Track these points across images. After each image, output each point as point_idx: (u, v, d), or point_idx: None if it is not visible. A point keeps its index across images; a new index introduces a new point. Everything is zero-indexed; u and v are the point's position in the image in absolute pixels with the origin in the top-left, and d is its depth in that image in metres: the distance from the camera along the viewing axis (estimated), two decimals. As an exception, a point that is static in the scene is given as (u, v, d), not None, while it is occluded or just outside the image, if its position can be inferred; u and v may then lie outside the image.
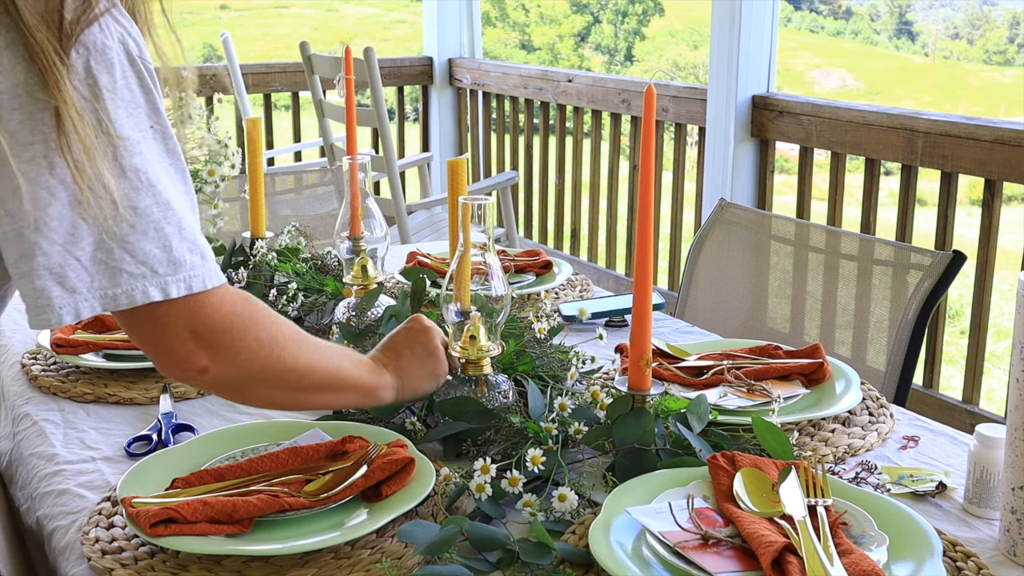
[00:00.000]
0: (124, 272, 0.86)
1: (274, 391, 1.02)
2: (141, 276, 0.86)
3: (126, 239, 0.85)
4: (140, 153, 0.86)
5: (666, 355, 1.44)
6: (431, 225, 3.71)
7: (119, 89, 0.85)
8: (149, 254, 0.86)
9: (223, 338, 0.93)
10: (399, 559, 0.98)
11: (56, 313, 0.85)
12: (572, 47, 21.71)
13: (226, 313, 0.93)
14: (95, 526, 1.05)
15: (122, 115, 0.85)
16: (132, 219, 0.85)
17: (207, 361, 0.92)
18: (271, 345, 0.97)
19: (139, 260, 0.86)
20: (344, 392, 1.10)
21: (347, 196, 1.61)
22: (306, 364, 1.02)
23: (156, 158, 0.88)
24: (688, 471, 1.07)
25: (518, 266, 1.83)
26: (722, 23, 3.44)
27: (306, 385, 1.03)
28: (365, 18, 22.40)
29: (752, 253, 2.04)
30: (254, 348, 0.96)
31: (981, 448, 1.07)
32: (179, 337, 0.91)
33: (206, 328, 0.91)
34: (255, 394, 1.02)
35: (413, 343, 1.20)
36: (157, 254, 0.87)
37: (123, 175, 0.85)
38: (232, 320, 0.93)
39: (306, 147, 4.80)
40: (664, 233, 4.03)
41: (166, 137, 0.89)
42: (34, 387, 1.43)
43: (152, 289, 0.87)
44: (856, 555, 0.90)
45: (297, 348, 1.01)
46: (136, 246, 0.86)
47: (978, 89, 20.66)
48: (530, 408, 1.17)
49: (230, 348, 0.94)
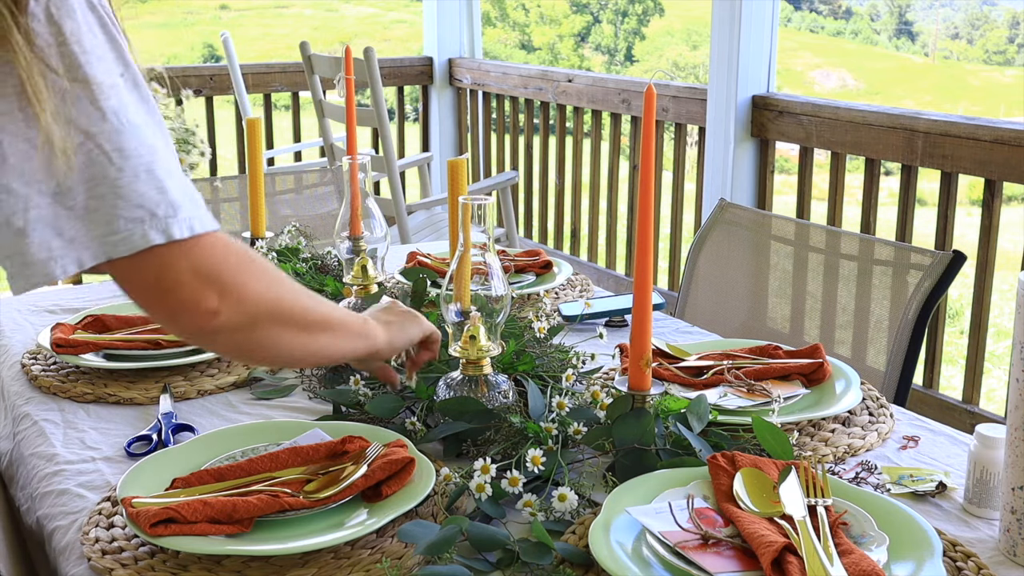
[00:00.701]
0: (120, 217, 0.83)
1: (283, 332, 0.98)
2: (139, 220, 0.84)
3: (117, 183, 0.83)
4: (117, 97, 0.84)
5: (666, 355, 1.44)
6: (431, 225, 3.71)
7: (84, 34, 0.83)
8: (145, 196, 0.84)
9: (228, 277, 0.90)
10: (399, 559, 0.98)
11: (59, 263, 0.83)
12: (572, 47, 21.72)
13: (225, 253, 0.90)
14: (95, 526, 1.05)
15: (92, 60, 0.83)
16: (120, 162, 0.83)
17: (217, 302, 0.89)
18: (271, 282, 0.96)
19: (135, 204, 0.83)
20: (339, 332, 1.08)
21: (347, 196, 1.61)
22: (304, 303, 1.00)
23: (133, 103, 0.85)
24: (688, 471, 1.07)
25: (518, 266, 1.83)
26: (722, 23, 3.44)
27: (309, 323, 1.01)
28: (365, 18, 22.41)
29: (752, 253, 2.04)
30: (256, 286, 0.93)
31: (981, 448, 1.07)
32: (184, 281, 0.88)
33: (210, 267, 0.89)
34: (265, 338, 0.97)
35: (386, 308, 1.25)
36: (153, 196, 0.84)
37: (104, 118, 0.82)
38: (230, 259, 0.91)
39: (306, 147, 4.80)
40: (664, 233, 4.03)
41: (139, 86, 0.87)
42: (34, 387, 1.43)
43: (152, 232, 0.84)
44: (856, 555, 0.90)
45: (291, 286, 1.00)
46: (129, 189, 0.83)
47: (978, 89, 20.68)
48: (530, 408, 1.17)
49: (236, 286, 0.91)
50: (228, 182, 2.45)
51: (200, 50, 19.26)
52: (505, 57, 19.29)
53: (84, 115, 0.82)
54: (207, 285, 0.89)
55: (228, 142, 5.02)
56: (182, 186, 0.87)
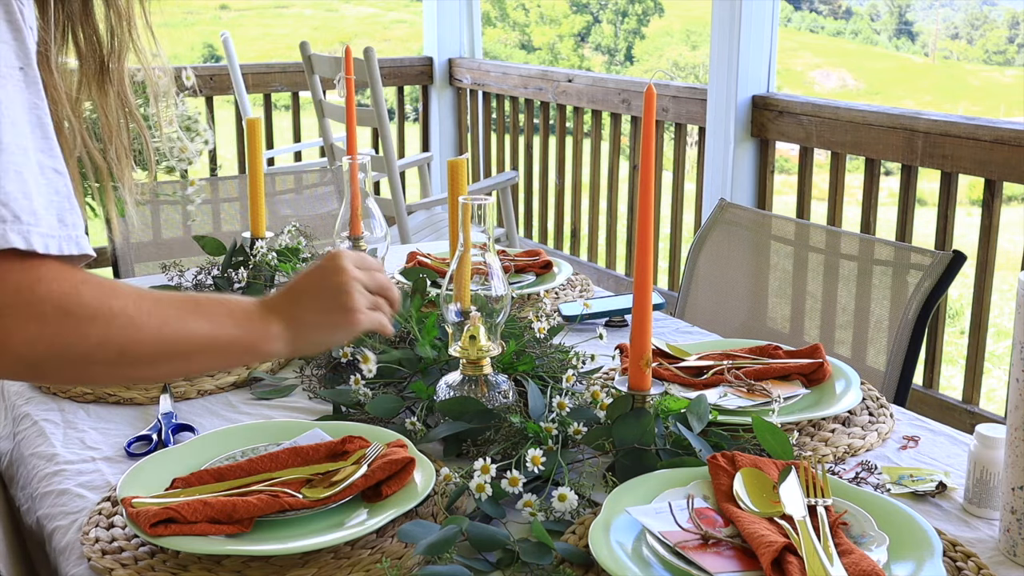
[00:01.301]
0: None
1: (86, 370, 0.85)
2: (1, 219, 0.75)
3: None
4: (4, 88, 0.76)
5: (666, 355, 1.44)
6: (431, 225, 3.71)
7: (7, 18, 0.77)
8: (11, 196, 0.75)
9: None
10: (399, 559, 0.98)
11: None
12: (572, 47, 21.72)
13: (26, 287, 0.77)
14: (95, 526, 1.05)
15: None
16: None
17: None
18: (61, 318, 0.80)
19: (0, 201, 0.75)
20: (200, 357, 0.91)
21: (347, 196, 1.61)
22: (124, 338, 0.84)
23: (21, 101, 0.78)
24: (688, 471, 1.07)
25: (518, 266, 1.83)
26: (722, 23, 3.44)
27: (131, 359, 0.86)
28: (365, 18, 22.41)
29: (752, 253, 2.04)
30: (31, 328, 0.78)
31: (981, 448, 1.07)
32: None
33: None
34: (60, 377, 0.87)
35: (317, 288, 1.01)
36: (19, 199, 0.76)
37: None
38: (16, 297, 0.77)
39: (306, 147, 4.80)
40: (664, 233, 4.03)
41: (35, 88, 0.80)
42: (34, 387, 1.43)
43: (12, 235, 0.75)
44: (856, 555, 0.90)
45: (110, 316, 0.83)
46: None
47: (978, 89, 20.67)
48: (530, 408, 1.17)
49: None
50: (228, 182, 2.45)
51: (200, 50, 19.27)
52: (505, 57, 19.29)
53: None
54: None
55: (228, 142, 5.03)
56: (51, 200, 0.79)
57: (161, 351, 0.88)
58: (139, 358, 0.86)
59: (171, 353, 0.89)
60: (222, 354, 0.95)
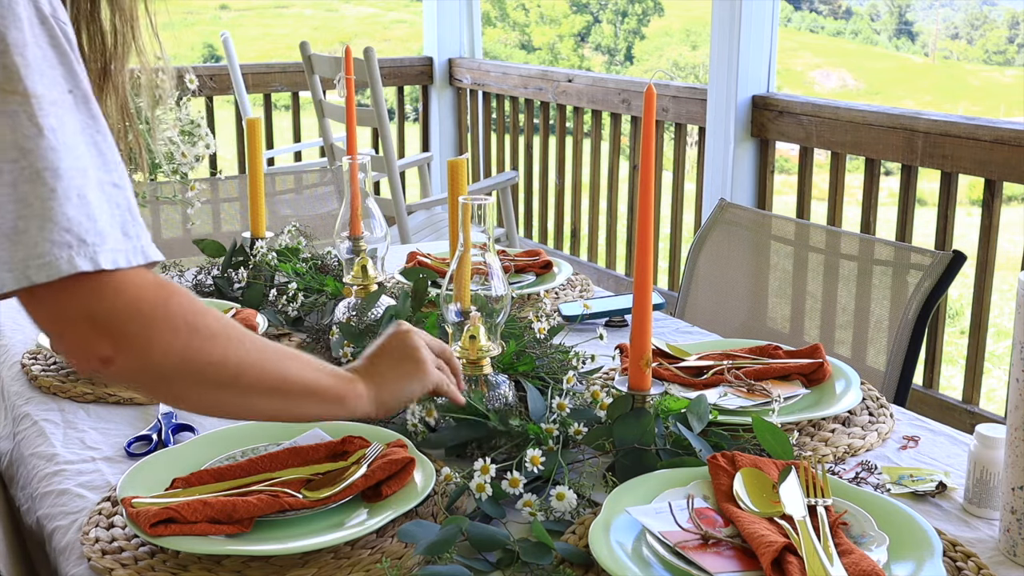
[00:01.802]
0: (47, 241, 0.77)
1: (202, 390, 0.90)
2: (66, 245, 0.78)
3: (48, 204, 0.77)
4: (57, 115, 0.79)
5: (666, 355, 1.44)
6: (431, 225, 3.71)
7: (29, 47, 0.78)
8: (74, 221, 0.78)
9: (129, 326, 0.82)
10: (399, 559, 0.98)
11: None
12: (572, 47, 21.72)
13: (132, 297, 0.82)
14: (95, 526, 1.05)
15: (33, 74, 0.78)
16: (53, 183, 0.78)
17: (110, 350, 0.82)
18: (190, 335, 0.86)
19: (63, 227, 0.78)
20: (297, 398, 0.97)
21: (347, 196, 1.61)
22: (238, 360, 0.90)
23: (75, 123, 0.80)
24: (688, 471, 1.07)
25: (518, 266, 1.83)
26: (722, 23, 3.44)
27: (242, 385, 0.91)
28: (365, 18, 22.40)
29: (752, 253, 2.04)
30: (168, 338, 0.84)
31: (981, 448, 1.07)
32: (74, 319, 0.81)
33: (106, 312, 0.81)
34: (181, 394, 0.91)
35: (390, 347, 1.11)
36: (83, 221, 0.79)
37: (41, 134, 0.78)
38: (140, 305, 0.83)
39: (306, 147, 4.80)
40: (664, 233, 4.03)
41: (88, 104, 0.82)
42: (34, 387, 1.43)
43: (79, 259, 0.78)
44: (856, 555, 0.90)
45: (228, 342, 0.89)
46: (59, 212, 0.78)
47: (978, 89, 20.67)
48: (530, 410, 1.17)
49: (138, 336, 0.83)
50: (228, 182, 2.45)
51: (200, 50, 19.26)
52: (505, 57, 19.29)
53: (19, 130, 0.77)
54: (98, 331, 0.82)
55: (228, 142, 5.02)
56: (112, 215, 0.81)
57: (267, 384, 0.93)
58: (250, 386, 0.92)
59: (276, 389, 0.95)
60: (319, 401, 1.00)
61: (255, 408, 0.96)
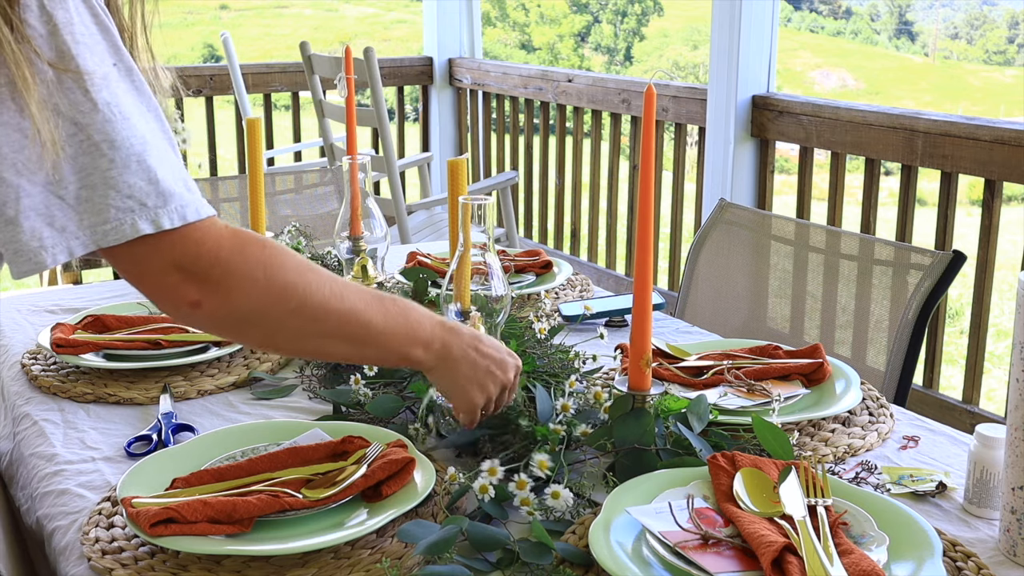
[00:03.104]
0: (111, 207, 0.84)
1: (284, 334, 0.97)
2: (129, 210, 0.85)
3: (108, 174, 0.84)
4: (108, 88, 0.84)
5: (666, 355, 1.44)
6: (431, 225, 3.71)
7: (75, 24, 0.83)
8: (135, 187, 0.85)
9: (212, 270, 0.89)
10: (399, 559, 0.98)
11: (50, 252, 0.83)
12: (572, 47, 21.72)
13: (216, 243, 0.90)
14: (95, 526, 1.05)
15: (83, 51, 0.83)
16: (111, 153, 0.84)
17: (197, 294, 0.89)
18: (269, 279, 0.92)
19: (125, 194, 0.84)
20: (370, 347, 1.03)
21: (347, 196, 1.61)
22: (315, 306, 0.96)
23: (125, 93, 0.86)
24: (688, 471, 1.07)
25: (518, 266, 1.83)
26: (722, 23, 3.44)
27: (321, 330, 0.98)
28: (365, 18, 22.41)
29: (752, 253, 2.04)
30: (247, 283, 0.91)
31: (981, 448, 1.07)
32: (164, 271, 0.88)
33: (191, 259, 0.89)
34: (265, 338, 0.98)
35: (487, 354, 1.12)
36: (143, 186, 0.85)
37: (95, 108, 0.83)
38: (219, 252, 0.90)
39: (306, 147, 4.80)
40: (664, 233, 4.03)
41: (132, 74, 0.87)
42: (34, 387, 1.43)
43: (142, 222, 0.85)
44: (856, 555, 0.90)
45: (307, 288, 0.95)
46: (120, 180, 0.84)
47: (978, 89, 20.68)
48: (539, 411, 1.17)
49: (222, 280, 0.90)
50: (228, 182, 2.45)
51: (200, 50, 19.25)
52: (505, 57, 19.29)
53: (75, 105, 0.82)
54: (186, 278, 0.89)
55: (228, 142, 5.02)
56: (174, 174, 0.87)
57: (346, 332, 1.00)
58: (330, 331, 0.98)
59: (349, 335, 1.00)
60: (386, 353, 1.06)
61: (331, 351, 1.03)
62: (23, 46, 0.80)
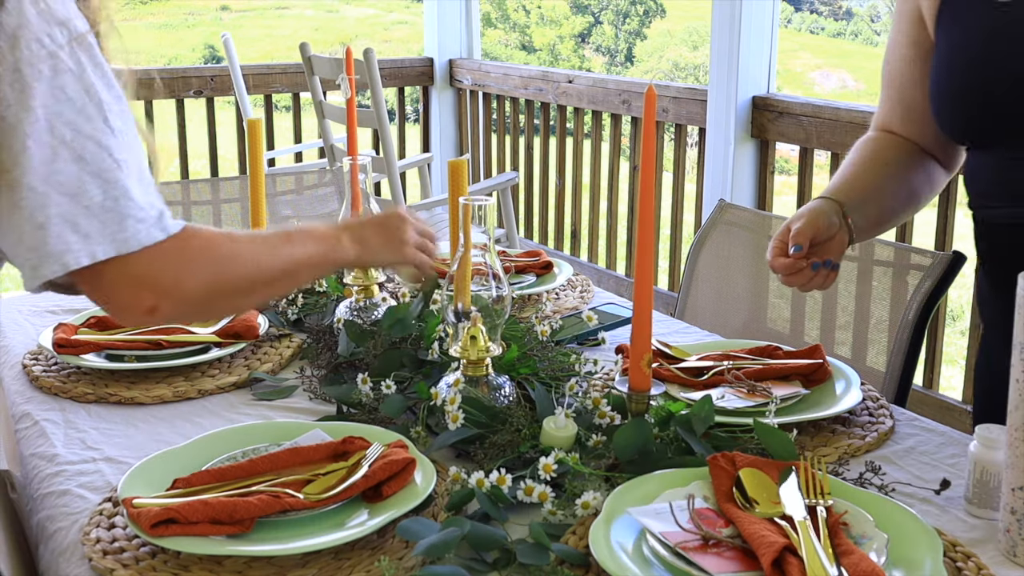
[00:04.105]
0: (130, 217, 0.95)
1: (237, 299, 1.11)
2: (144, 220, 0.96)
3: (127, 187, 0.95)
4: (117, 114, 0.96)
5: (666, 355, 1.44)
6: (431, 226, 3.71)
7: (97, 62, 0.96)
8: (147, 201, 0.97)
9: (164, 275, 1.00)
10: (400, 559, 0.98)
11: (74, 255, 0.93)
12: (572, 48, 21.73)
13: (156, 253, 0.99)
14: (96, 527, 1.05)
15: (99, 83, 0.95)
16: (127, 170, 0.96)
17: (152, 300, 0.99)
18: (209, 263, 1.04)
19: (140, 205, 0.96)
20: (301, 272, 1.18)
21: (348, 197, 1.61)
22: (253, 264, 1.10)
23: (126, 119, 0.98)
24: (688, 471, 1.07)
25: (518, 267, 1.83)
26: (722, 24, 3.44)
27: (263, 281, 1.11)
28: (365, 19, 22.42)
29: (752, 253, 2.04)
30: (194, 276, 1.02)
31: (981, 448, 1.07)
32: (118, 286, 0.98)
33: (143, 269, 0.98)
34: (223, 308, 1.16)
35: (379, 219, 1.29)
36: (155, 201, 0.98)
37: (112, 133, 0.95)
38: (166, 257, 0.99)
39: (307, 148, 4.80)
40: (664, 233, 4.03)
41: (121, 100, 0.99)
42: (35, 387, 1.43)
43: (155, 231, 0.97)
44: (856, 556, 0.90)
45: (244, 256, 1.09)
46: (136, 192, 0.96)
47: (978, 90, 20.61)
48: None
49: (172, 282, 1.00)
50: (229, 183, 2.45)
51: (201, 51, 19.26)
52: (506, 58, 19.29)
53: (101, 132, 0.95)
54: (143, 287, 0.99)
55: (229, 143, 5.02)
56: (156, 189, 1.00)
57: (276, 275, 1.14)
58: (265, 282, 1.12)
59: (283, 274, 1.14)
60: (314, 267, 1.20)
61: (275, 291, 1.16)
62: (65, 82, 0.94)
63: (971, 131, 1.34)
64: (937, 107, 1.37)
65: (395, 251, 1.29)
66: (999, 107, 1.28)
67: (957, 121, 1.34)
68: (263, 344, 1.56)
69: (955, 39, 1.33)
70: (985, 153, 1.34)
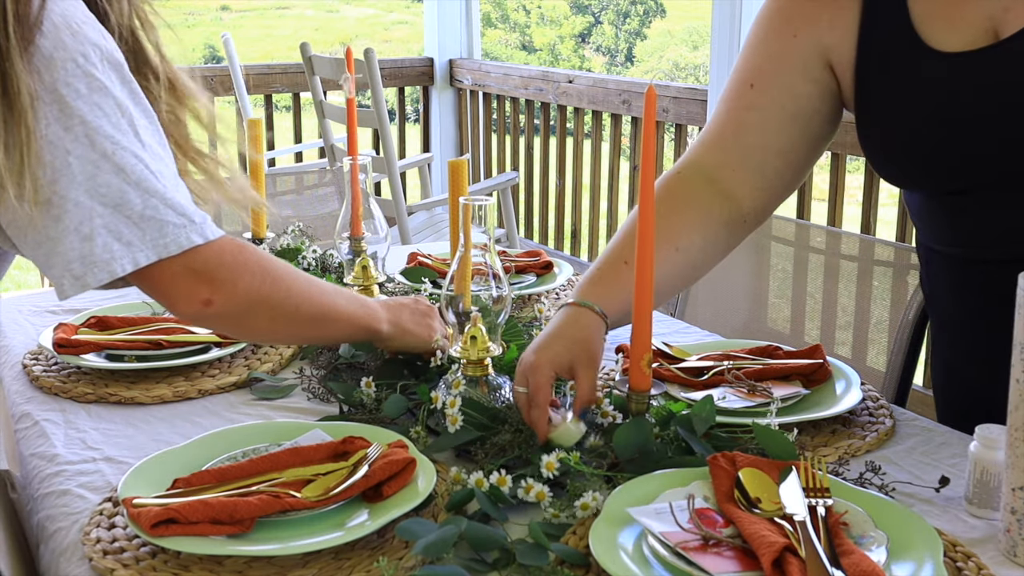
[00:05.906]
0: (169, 223, 1.03)
1: (274, 321, 1.16)
2: (183, 226, 1.04)
3: (164, 196, 1.03)
4: (146, 128, 1.04)
5: (667, 355, 1.44)
6: (432, 226, 3.71)
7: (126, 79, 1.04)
8: (183, 207, 1.04)
9: (219, 272, 1.07)
10: (400, 559, 0.98)
11: (120, 263, 1.00)
12: (573, 48, 21.72)
13: (217, 251, 1.07)
14: (96, 527, 1.05)
15: (129, 100, 1.03)
16: (163, 180, 1.03)
17: (208, 293, 1.07)
18: (264, 275, 1.12)
19: (178, 212, 1.03)
20: (339, 323, 1.25)
21: (348, 197, 1.61)
22: (300, 294, 1.17)
23: (155, 133, 1.06)
24: (688, 471, 1.07)
25: (518, 267, 1.83)
26: (722, 24, 3.44)
27: (303, 315, 1.18)
28: (366, 19, 22.42)
29: (752, 254, 2.04)
30: (248, 279, 1.10)
31: (981, 448, 1.07)
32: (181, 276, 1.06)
33: (202, 264, 1.06)
34: (257, 326, 1.17)
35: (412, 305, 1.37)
36: (188, 206, 1.05)
37: (144, 147, 1.03)
38: (223, 257, 1.08)
39: (307, 148, 4.80)
40: (664, 234, 4.02)
41: (150, 115, 1.07)
42: (35, 387, 1.43)
43: (194, 235, 1.04)
44: (856, 555, 0.90)
45: (291, 280, 1.16)
46: (173, 200, 1.03)
47: (979, 90, 20.62)
48: None
49: (227, 280, 1.08)
50: (229, 183, 2.45)
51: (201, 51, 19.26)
52: (506, 58, 19.29)
53: (135, 145, 1.02)
54: (200, 280, 1.07)
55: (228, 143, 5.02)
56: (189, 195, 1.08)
57: (320, 313, 1.21)
58: (307, 317, 1.19)
59: (325, 317, 1.22)
60: (351, 326, 1.27)
61: (309, 332, 1.26)
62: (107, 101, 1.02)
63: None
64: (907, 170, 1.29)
65: (422, 336, 1.34)
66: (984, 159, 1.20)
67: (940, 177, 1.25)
68: (263, 344, 1.56)
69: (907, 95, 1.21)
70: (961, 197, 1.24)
